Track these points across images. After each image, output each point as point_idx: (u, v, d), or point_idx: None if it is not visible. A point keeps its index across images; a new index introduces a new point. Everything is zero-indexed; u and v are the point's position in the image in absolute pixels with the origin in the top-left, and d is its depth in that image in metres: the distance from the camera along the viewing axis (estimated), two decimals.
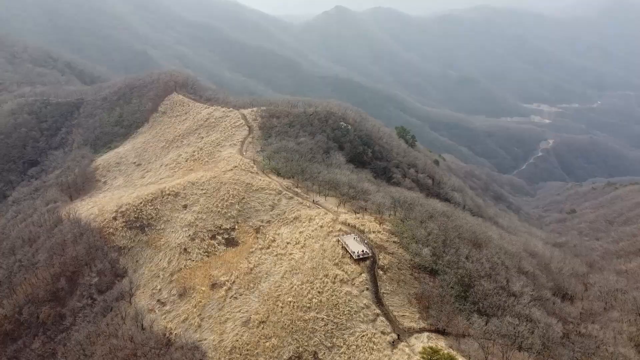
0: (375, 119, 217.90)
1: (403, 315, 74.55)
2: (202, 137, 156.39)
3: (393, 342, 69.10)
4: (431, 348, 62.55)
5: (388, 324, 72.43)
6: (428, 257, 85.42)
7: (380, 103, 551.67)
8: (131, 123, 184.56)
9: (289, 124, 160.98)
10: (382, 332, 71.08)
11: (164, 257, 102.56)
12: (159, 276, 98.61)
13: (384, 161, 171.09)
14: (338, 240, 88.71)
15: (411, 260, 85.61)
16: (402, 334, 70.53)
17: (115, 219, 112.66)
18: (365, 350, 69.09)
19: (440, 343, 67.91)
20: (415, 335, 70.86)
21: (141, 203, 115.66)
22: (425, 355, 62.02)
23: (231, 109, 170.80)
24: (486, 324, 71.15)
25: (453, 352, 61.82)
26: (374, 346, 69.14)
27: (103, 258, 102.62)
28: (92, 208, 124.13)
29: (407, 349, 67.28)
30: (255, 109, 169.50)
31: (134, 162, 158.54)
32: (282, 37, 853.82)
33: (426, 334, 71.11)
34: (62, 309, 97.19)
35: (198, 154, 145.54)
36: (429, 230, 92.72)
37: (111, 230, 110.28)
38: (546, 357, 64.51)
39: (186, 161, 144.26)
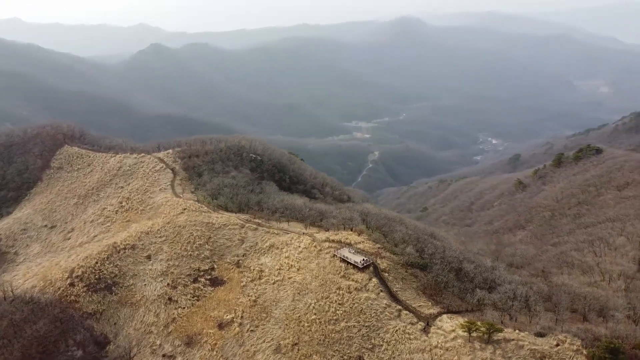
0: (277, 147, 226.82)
1: (420, 305, 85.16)
2: (122, 187, 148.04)
3: (424, 328, 79.26)
4: (467, 321, 74.12)
5: (412, 315, 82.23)
6: (414, 254, 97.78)
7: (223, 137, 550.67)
8: (20, 185, 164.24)
9: (211, 161, 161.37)
10: (411, 323, 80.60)
11: (147, 312, 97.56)
12: (151, 332, 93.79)
13: (301, 184, 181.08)
14: (334, 255, 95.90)
15: (401, 260, 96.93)
16: (428, 321, 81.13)
17: (72, 285, 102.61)
18: (404, 341, 77.76)
19: (461, 320, 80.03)
20: (438, 319, 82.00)
21: (97, 263, 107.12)
22: (464, 329, 73.35)
23: (143, 154, 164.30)
24: (491, 293, 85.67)
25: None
26: (410, 336, 78.25)
27: (79, 328, 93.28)
28: (28, 281, 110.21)
29: (439, 331, 77.97)
30: (170, 151, 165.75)
31: (45, 225, 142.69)
32: (102, 79, 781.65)
33: (445, 315, 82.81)
34: None
35: (127, 204, 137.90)
36: (403, 233, 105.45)
37: (72, 298, 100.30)
38: (552, 306, 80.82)
39: (116, 213, 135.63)
